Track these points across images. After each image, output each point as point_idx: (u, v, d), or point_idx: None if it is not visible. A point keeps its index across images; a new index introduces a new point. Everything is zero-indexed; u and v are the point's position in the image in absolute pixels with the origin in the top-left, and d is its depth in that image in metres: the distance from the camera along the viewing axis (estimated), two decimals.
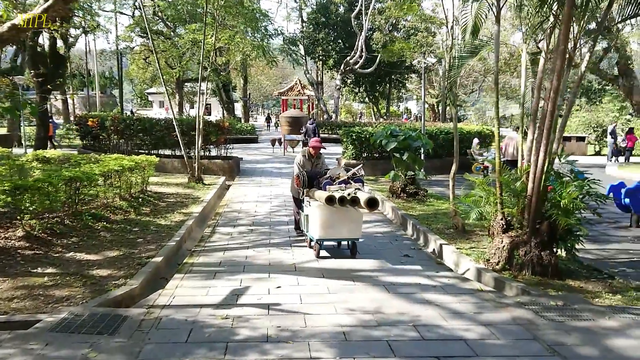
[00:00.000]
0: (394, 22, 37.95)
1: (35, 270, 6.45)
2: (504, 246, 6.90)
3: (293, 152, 25.32)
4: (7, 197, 7.25)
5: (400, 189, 12.42)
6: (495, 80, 8.07)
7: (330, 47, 40.09)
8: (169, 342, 4.44)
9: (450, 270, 7.27)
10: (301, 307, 5.46)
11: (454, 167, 9.57)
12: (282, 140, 25.83)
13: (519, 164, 7.82)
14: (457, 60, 8.63)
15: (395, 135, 12.38)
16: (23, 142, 23.97)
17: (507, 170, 7.77)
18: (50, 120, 25.15)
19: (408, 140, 12.19)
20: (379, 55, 34.78)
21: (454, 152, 9.67)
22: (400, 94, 61.18)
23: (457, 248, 7.84)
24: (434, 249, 8.23)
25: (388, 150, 12.51)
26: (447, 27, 10.55)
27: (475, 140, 18.41)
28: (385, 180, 14.13)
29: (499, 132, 7.70)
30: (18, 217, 7.96)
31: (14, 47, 27.99)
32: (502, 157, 8.89)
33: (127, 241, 8.18)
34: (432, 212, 10.72)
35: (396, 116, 57.13)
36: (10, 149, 16.35)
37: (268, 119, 50.01)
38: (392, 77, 45.05)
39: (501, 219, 7.15)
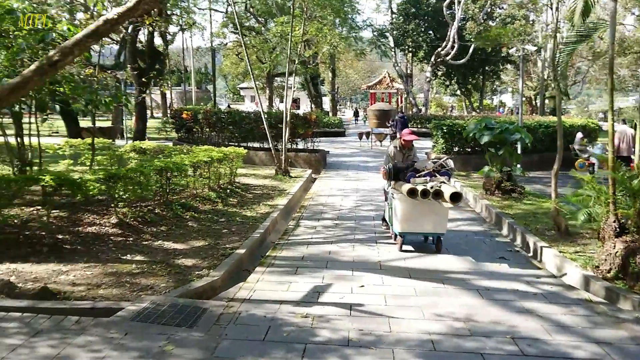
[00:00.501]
0: (488, 10, 36.13)
1: (124, 257, 6.60)
2: (616, 252, 6.10)
3: (381, 145, 24.85)
4: (101, 186, 7.50)
5: (494, 185, 11.62)
6: (610, 67, 7.17)
7: (420, 38, 38.94)
8: (246, 339, 4.27)
9: (553, 276, 6.57)
10: (386, 309, 5.09)
11: (556, 164, 8.72)
12: (370, 133, 25.45)
13: (636, 161, 6.91)
14: (566, 46, 7.81)
15: (491, 128, 11.58)
16: (125, 134, 25.49)
17: (620, 167, 6.89)
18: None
19: (504, 133, 11.35)
20: (472, 45, 33.24)
21: (557, 147, 8.80)
22: (494, 86, 58.41)
23: (560, 252, 7.09)
24: (533, 252, 7.52)
25: (482, 144, 11.74)
26: (551, 8, 9.63)
27: (579, 135, 16.92)
28: (477, 176, 13.33)
29: (612, 125, 6.85)
30: (112, 205, 8.25)
31: (118, 44, 29.81)
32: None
33: (213, 231, 8.23)
34: (531, 211, 9.88)
35: (489, 109, 54.57)
36: (112, 140, 17.28)
37: (356, 113, 49.65)
38: (486, 68, 43.00)
39: (614, 221, 6.34)
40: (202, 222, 8.76)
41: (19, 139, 10.36)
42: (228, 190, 11.58)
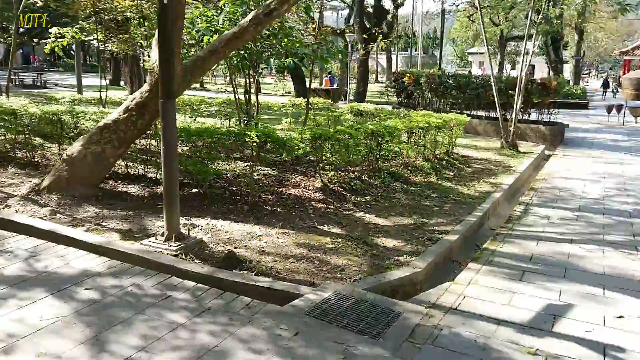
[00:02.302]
0: None
1: (321, 227, 5.96)
2: None
3: (636, 122, 20.57)
4: (306, 146, 6.98)
5: None
6: None
7: None
8: None
9: None
10: None
11: None
12: (623, 107, 21.19)
13: None
14: None
15: None
16: (347, 96, 25.78)
17: None
18: (329, 75, 26.37)
19: None
20: None
21: None
22: None
23: None
24: None
25: None
26: None
27: None
28: None
29: None
30: (318, 167, 7.75)
31: (348, 9, 30.18)
32: None
33: (422, 208, 7.16)
34: None
35: None
36: (331, 102, 17.28)
37: (605, 84, 42.44)
38: None
39: None
40: (411, 196, 7.75)
41: (247, 95, 10.60)
42: (444, 162, 10.34)
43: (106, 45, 11.18)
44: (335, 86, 25.91)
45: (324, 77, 28.06)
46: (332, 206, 6.85)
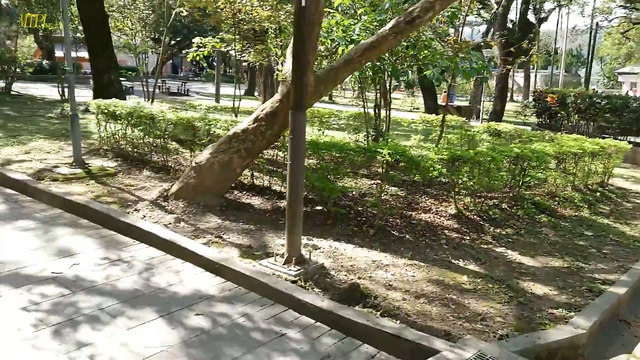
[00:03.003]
0: None
1: (456, 262, 5.23)
2: None
3: None
4: (442, 168, 6.26)
5: None
6: None
7: None
8: None
9: None
10: None
11: None
12: None
13: None
14: None
15: None
16: (481, 114, 24.34)
17: None
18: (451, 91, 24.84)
19: None
20: None
21: None
22: None
23: None
24: None
25: None
26: None
27: None
28: None
29: None
30: (453, 192, 7.00)
31: (486, 23, 28.71)
32: None
33: (575, 248, 6.12)
34: None
35: None
36: (465, 119, 16.23)
37: None
38: None
39: None
40: (560, 232, 6.70)
41: (376, 109, 10.14)
42: (598, 194, 9.01)
43: (243, 55, 11.38)
44: (452, 102, 24.69)
45: (443, 92, 26.99)
46: (468, 237, 6.07)
